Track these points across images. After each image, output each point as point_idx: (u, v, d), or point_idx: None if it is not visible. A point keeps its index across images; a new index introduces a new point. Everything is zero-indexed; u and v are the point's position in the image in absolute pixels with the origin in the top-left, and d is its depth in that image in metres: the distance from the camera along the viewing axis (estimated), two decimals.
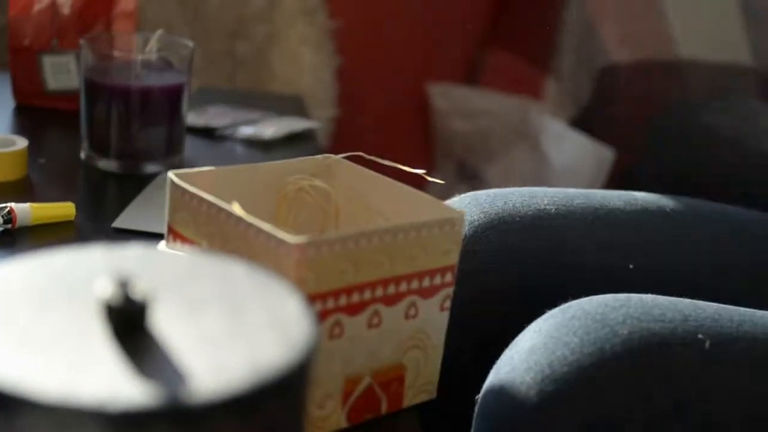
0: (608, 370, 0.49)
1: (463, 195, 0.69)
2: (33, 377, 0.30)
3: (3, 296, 0.35)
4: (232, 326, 0.35)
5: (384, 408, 0.55)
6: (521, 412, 0.49)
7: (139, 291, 0.34)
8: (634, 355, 0.49)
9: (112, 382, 0.30)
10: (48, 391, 0.30)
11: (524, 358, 0.51)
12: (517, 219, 0.65)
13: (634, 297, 0.54)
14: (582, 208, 0.67)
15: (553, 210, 0.66)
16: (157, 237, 0.72)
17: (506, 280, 0.63)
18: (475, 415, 0.54)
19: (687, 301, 0.55)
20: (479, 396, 0.54)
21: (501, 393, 0.51)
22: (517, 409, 0.50)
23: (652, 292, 0.57)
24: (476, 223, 0.65)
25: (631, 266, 0.64)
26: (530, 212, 0.66)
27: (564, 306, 0.55)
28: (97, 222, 0.74)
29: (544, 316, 0.54)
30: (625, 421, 0.48)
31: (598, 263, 0.64)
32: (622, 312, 0.52)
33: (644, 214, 0.68)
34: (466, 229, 0.65)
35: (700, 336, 0.51)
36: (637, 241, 0.66)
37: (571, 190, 0.70)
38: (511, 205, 0.66)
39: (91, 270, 0.38)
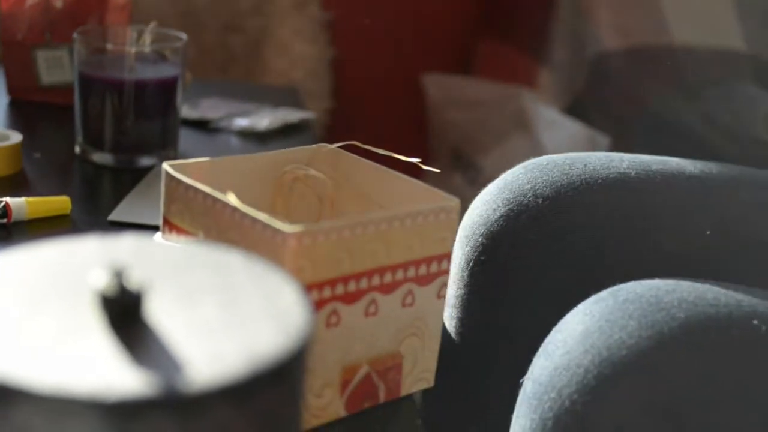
0: (668, 353, 0.48)
1: (538, 159, 0.69)
2: (28, 368, 0.30)
3: None
4: (227, 315, 0.35)
5: (382, 396, 0.55)
6: (580, 395, 0.49)
7: (134, 281, 0.34)
8: (694, 339, 0.49)
9: (108, 372, 0.30)
10: (44, 382, 0.30)
11: (579, 340, 0.51)
12: (599, 181, 0.65)
13: (684, 282, 0.53)
14: (660, 173, 0.67)
15: (633, 173, 0.66)
16: (153, 229, 0.72)
17: (589, 241, 0.64)
18: (522, 398, 0.53)
19: (737, 286, 0.54)
20: (525, 379, 0.53)
21: (556, 376, 0.50)
22: (576, 392, 0.49)
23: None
24: (558, 183, 0.65)
25: (708, 232, 0.64)
26: (612, 175, 0.66)
27: (613, 289, 0.54)
28: (92, 215, 0.74)
29: (591, 299, 0.54)
30: (686, 404, 0.48)
31: (675, 228, 0.64)
32: (676, 296, 0.51)
33: (722, 180, 0.68)
34: (548, 189, 0.65)
35: (755, 321, 0.50)
36: (714, 207, 0.66)
37: (647, 157, 0.70)
38: (591, 167, 0.66)
39: (85, 261, 0.38)
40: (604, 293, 0.54)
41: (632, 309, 0.51)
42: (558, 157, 0.68)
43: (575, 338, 0.51)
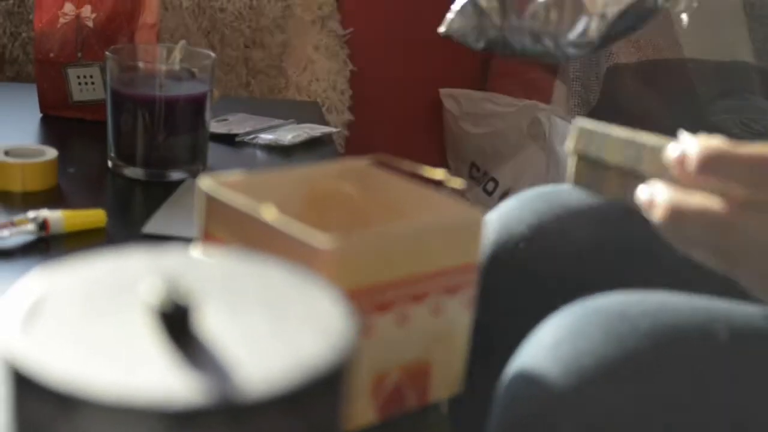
0: (632, 363, 0.51)
1: (530, 190, 0.73)
2: (91, 378, 0.31)
3: (55, 301, 0.37)
4: (274, 325, 0.36)
5: (412, 403, 0.57)
6: (548, 402, 0.51)
7: (183, 293, 0.35)
8: (656, 349, 0.51)
9: (166, 381, 0.32)
10: (106, 391, 0.31)
11: (549, 351, 0.53)
12: (580, 210, 0.70)
13: (651, 294, 0.56)
14: None
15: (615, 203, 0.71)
16: (185, 241, 0.74)
17: (564, 265, 0.68)
18: (495, 404, 0.55)
19: (699, 298, 0.56)
20: (498, 385, 0.56)
21: (527, 384, 0.53)
22: (545, 400, 0.52)
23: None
24: (541, 211, 0.70)
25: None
26: (593, 204, 0.70)
27: (582, 302, 0.56)
28: (126, 228, 0.77)
29: (562, 312, 0.56)
30: (650, 410, 0.50)
31: (643, 255, 0.68)
32: (641, 308, 0.54)
33: None
34: (532, 217, 0.69)
35: (716, 328, 0.53)
36: None
37: None
38: (575, 197, 0.70)
39: (135, 274, 0.39)
40: (574, 306, 0.56)
41: (599, 320, 0.53)
42: (548, 187, 0.72)
43: (545, 349, 0.54)
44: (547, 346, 0.54)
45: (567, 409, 0.51)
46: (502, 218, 0.71)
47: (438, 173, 0.62)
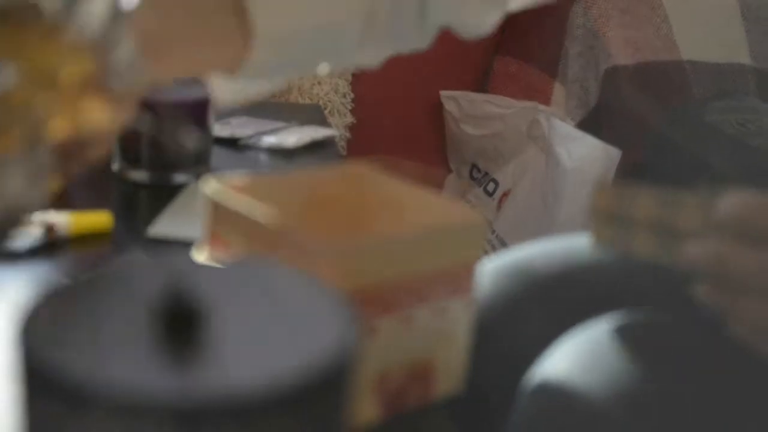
0: (649, 392, 0.50)
1: (503, 262, 0.71)
2: (98, 378, 0.32)
3: (63, 302, 0.37)
4: (278, 327, 0.37)
5: (415, 401, 0.58)
6: (576, 418, 0.51)
7: (189, 295, 0.36)
8: (671, 375, 0.51)
9: (171, 382, 0.32)
10: (113, 391, 0.31)
11: (562, 381, 0.53)
12: (556, 285, 0.68)
13: (662, 317, 0.55)
14: (617, 270, 0.68)
15: (591, 276, 0.69)
16: (191, 244, 0.76)
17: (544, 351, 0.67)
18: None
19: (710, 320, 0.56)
20: (510, 419, 0.55)
21: (540, 418, 0.52)
22: (571, 414, 0.51)
23: None
24: (516, 294, 0.68)
25: None
26: (570, 275, 0.69)
27: (596, 325, 0.56)
28: (132, 231, 0.78)
29: (575, 336, 0.56)
30: None
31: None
32: (655, 332, 0.53)
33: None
34: (506, 301, 0.68)
35: (730, 352, 0.51)
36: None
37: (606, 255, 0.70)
38: (554, 269, 0.68)
39: (141, 276, 0.40)
40: (587, 329, 0.55)
41: (613, 346, 0.52)
42: (520, 258, 0.71)
43: (558, 379, 0.53)
44: (559, 376, 0.53)
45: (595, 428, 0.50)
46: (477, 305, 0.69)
47: (439, 175, 0.63)
